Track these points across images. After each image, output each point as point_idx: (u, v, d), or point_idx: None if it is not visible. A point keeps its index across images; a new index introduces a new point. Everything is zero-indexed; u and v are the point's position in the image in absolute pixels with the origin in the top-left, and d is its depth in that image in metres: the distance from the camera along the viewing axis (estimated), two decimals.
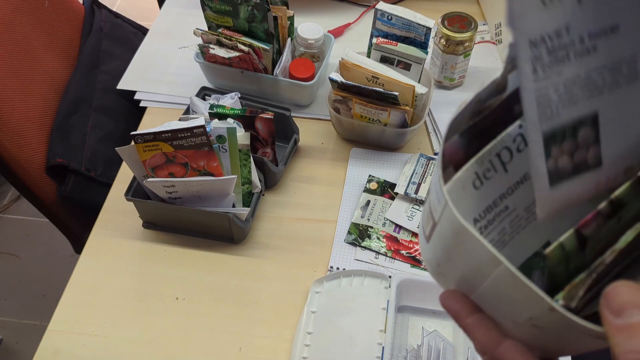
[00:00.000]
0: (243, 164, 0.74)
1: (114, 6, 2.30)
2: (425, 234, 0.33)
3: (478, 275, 0.29)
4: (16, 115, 0.88)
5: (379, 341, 0.65)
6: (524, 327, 0.29)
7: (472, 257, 0.29)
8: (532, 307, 0.27)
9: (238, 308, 0.71)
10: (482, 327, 0.31)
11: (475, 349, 0.34)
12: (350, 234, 0.77)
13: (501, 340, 0.31)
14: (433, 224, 0.31)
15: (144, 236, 0.78)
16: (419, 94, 0.80)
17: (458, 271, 0.32)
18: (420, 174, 0.81)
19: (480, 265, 0.28)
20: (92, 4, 1.13)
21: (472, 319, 0.32)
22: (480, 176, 0.30)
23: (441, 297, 0.34)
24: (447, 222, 0.29)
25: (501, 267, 0.27)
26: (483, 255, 0.27)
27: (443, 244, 0.31)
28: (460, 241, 0.29)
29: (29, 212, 1.65)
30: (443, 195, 0.28)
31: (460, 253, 0.30)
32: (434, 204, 0.31)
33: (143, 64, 1.01)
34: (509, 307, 0.29)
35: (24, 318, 1.46)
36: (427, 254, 0.34)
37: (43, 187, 0.93)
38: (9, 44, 0.91)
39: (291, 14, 0.90)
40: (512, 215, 0.33)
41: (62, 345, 0.68)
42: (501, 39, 1.00)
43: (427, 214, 0.32)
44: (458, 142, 0.29)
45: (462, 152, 0.29)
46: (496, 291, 0.29)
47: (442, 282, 0.35)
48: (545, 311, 0.27)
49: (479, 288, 0.30)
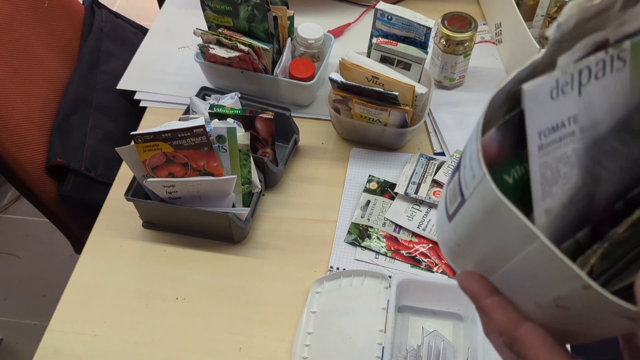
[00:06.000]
0: (243, 164, 0.74)
1: (114, 6, 2.30)
2: (449, 213, 0.33)
3: (505, 253, 0.29)
4: (16, 115, 0.88)
5: (379, 341, 0.65)
6: (548, 308, 0.29)
7: (503, 234, 0.28)
8: (562, 286, 0.27)
9: (238, 308, 0.71)
10: (501, 308, 0.31)
11: (485, 332, 0.34)
12: (350, 234, 0.77)
13: (521, 322, 0.30)
14: (461, 200, 0.31)
15: (144, 236, 0.78)
16: (419, 94, 0.80)
17: (480, 251, 0.31)
18: (420, 174, 0.81)
19: (510, 243, 0.28)
20: (92, 4, 1.13)
21: (492, 300, 0.31)
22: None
23: (459, 277, 0.33)
24: (480, 198, 0.28)
25: (536, 243, 0.26)
26: (518, 232, 0.27)
27: (470, 221, 0.30)
28: (494, 217, 0.28)
29: (29, 212, 1.65)
30: (481, 169, 0.27)
31: (489, 230, 0.29)
32: (466, 179, 0.30)
33: (143, 64, 1.01)
34: (534, 286, 0.29)
35: (24, 318, 1.46)
36: (447, 234, 0.33)
37: (43, 187, 0.93)
38: (9, 44, 0.91)
39: (291, 14, 0.90)
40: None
41: (62, 345, 0.68)
42: (501, 38, 1.00)
43: (454, 191, 0.32)
44: (494, 136, 0.29)
45: (497, 147, 0.29)
46: (523, 270, 0.28)
47: (459, 264, 0.34)
48: (577, 289, 0.26)
49: (502, 267, 0.30)
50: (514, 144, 0.29)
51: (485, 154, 0.28)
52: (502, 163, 0.29)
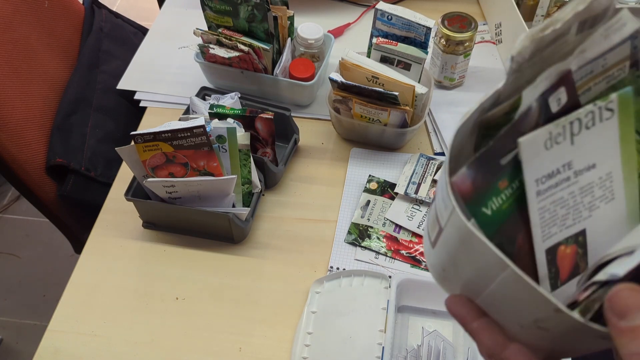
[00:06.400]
0: (243, 164, 0.74)
1: (114, 6, 2.30)
2: (431, 240, 0.34)
3: (484, 279, 0.30)
4: (16, 115, 0.88)
5: (379, 341, 0.65)
6: (530, 329, 0.29)
7: (479, 261, 0.29)
8: (538, 309, 0.28)
9: (238, 308, 0.71)
10: (487, 331, 0.32)
11: (480, 353, 0.35)
12: (350, 234, 0.77)
13: (506, 344, 0.31)
14: (439, 229, 0.31)
15: (144, 236, 0.78)
16: (419, 94, 0.80)
17: (464, 276, 0.32)
18: (420, 174, 0.81)
19: (486, 269, 0.29)
20: (92, 4, 1.13)
21: (478, 323, 0.32)
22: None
23: (447, 302, 0.34)
24: (454, 228, 0.29)
25: (508, 271, 0.27)
26: (490, 259, 0.28)
27: (449, 249, 0.31)
28: (467, 246, 0.29)
29: (29, 212, 1.65)
30: (450, 201, 0.28)
31: (466, 257, 0.30)
32: (440, 210, 0.31)
33: (143, 64, 1.01)
34: (514, 309, 0.30)
35: (24, 318, 1.46)
36: (433, 259, 0.34)
37: (43, 187, 0.93)
38: (9, 44, 0.91)
39: (291, 14, 0.90)
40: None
41: (62, 345, 0.68)
42: (501, 38, 1.00)
43: (433, 219, 0.33)
44: (466, 174, 0.29)
45: (470, 183, 0.30)
46: (502, 294, 0.29)
47: (448, 287, 0.35)
48: (551, 312, 0.27)
49: (484, 292, 0.31)
50: (488, 177, 0.30)
51: (459, 190, 0.29)
52: (478, 196, 0.30)
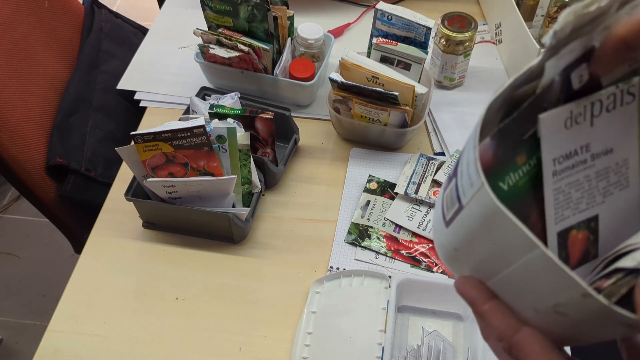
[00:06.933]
0: (243, 164, 0.74)
1: (114, 6, 2.30)
2: (446, 218, 0.33)
3: (504, 259, 0.29)
4: (16, 115, 0.88)
5: (379, 341, 0.65)
6: (547, 314, 0.29)
7: (501, 241, 0.28)
8: (561, 293, 0.27)
9: (238, 308, 0.71)
10: (499, 314, 0.31)
11: (484, 338, 0.34)
12: (350, 234, 0.77)
13: (519, 327, 0.30)
14: (458, 207, 0.30)
15: (144, 236, 0.78)
16: (419, 94, 0.80)
17: (479, 257, 0.31)
18: (420, 174, 0.81)
19: (509, 250, 0.28)
20: (92, 4, 1.13)
21: (490, 305, 0.31)
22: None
23: (457, 283, 0.33)
24: (478, 205, 0.28)
25: (536, 252, 0.26)
26: (517, 240, 0.27)
27: (467, 228, 0.30)
28: (491, 225, 0.28)
29: (29, 212, 1.65)
30: (479, 177, 0.27)
31: (487, 237, 0.29)
32: (464, 187, 0.30)
33: (143, 64, 1.01)
34: (533, 293, 0.29)
35: (24, 318, 1.46)
36: (444, 239, 0.33)
37: (43, 187, 0.93)
38: (9, 44, 0.91)
39: (291, 14, 0.90)
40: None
41: (62, 345, 0.68)
42: (501, 38, 1.00)
43: (451, 197, 0.32)
44: (488, 144, 0.29)
45: (492, 155, 0.29)
46: (522, 277, 0.28)
47: (456, 268, 0.34)
48: (576, 297, 0.26)
49: (501, 273, 0.30)
50: (508, 152, 0.29)
51: (480, 161, 0.28)
52: (496, 170, 0.29)
